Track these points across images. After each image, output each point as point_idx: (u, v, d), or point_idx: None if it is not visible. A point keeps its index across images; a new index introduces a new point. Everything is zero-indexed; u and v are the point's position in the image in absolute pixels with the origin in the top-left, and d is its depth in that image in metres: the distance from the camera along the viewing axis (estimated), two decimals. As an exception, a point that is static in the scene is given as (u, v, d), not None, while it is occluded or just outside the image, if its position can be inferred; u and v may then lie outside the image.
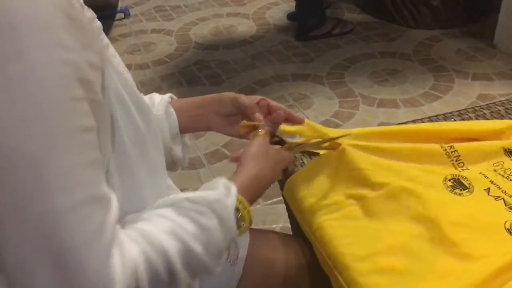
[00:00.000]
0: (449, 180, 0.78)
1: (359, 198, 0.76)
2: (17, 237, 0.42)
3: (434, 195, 0.75)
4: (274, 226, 1.53)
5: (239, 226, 0.60)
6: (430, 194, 0.74)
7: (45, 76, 0.42)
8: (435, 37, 2.56)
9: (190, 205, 0.55)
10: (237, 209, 0.60)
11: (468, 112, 0.93)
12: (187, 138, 0.86)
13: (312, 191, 0.80)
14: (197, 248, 0.53)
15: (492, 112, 0.93)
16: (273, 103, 0.81)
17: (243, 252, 0.78)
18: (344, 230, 0.72)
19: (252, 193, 0.66)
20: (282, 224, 1.52)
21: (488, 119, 0.91)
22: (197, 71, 2.44)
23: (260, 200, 1.63)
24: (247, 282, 0.78)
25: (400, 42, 2.56)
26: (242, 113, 0.79)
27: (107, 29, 2.85)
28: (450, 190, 0.76)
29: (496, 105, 0.95)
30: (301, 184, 0.82)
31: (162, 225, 0.52)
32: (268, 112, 0.81)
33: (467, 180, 0.78)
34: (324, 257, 0.72)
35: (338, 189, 0.79)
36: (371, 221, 0.73)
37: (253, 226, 0.85)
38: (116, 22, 2.95)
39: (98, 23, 0.60)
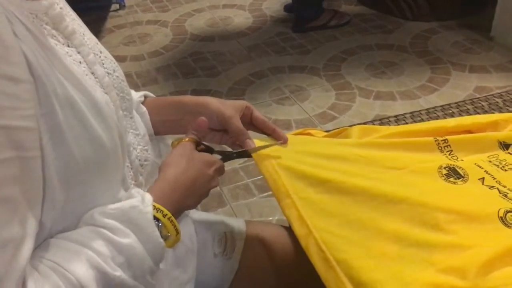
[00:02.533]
0: (444, 168, 0.77)
1: (351, 176, 0.74)
2: None
3: (428, 182, 0.74)
4: (270, 218, 1.53)
5: (165, 238, 0.56)
6: (424, 181, 0.74)
7: None
8: (432, 29, 2.55)
9: (103, 221, 0.52)
10: (155, 218, 0.56)
11: (466, 103, 0.93)
12: (169, 141, 0.80)
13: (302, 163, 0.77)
14: (116, 271, 0.50)
15: (490, 104, 0.92)
16: (257, 113, 0.77)
17: (239, 244, 0.77)
18: (335, 208, 0.71)
19: (177, 199, 0.60)
20: (278, 216, 1.52)
21: (486, 111, 0.91)
22: (193, 63, 2.42)
23: (256, 192, 1.62)
24: (243, 274, 0.77)
25: (397, 34, 2.55)
26: (228, 133, 0.73)
27: (102, 20, 2.83)
28: (445, 179, 0.76)
29: (494, 97, 0.94)
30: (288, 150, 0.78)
31: (75, 251, 0.49)
32: (251, 122, 0.77)
33: (462, 169, 0.78)
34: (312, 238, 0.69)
35: (328, 166, 0.76)
36: (363, 204, 0.72)
37: (250, 219, 0.85)
38: (111, 13, 2.92)
39: (58, 10, 0.55)
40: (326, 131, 0.93)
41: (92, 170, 0.52)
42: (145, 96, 0.78)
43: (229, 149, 0.78)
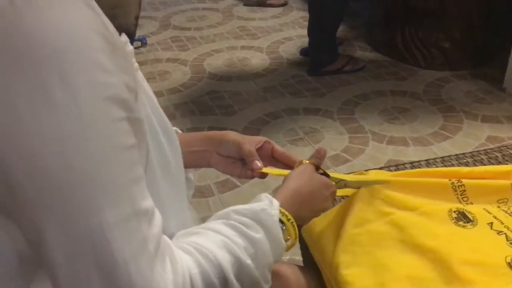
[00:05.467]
0: (454, 212, 0.80)
1: (365, 226, 0.78)
2: (70, 252, 0.44)
3: (439, 226, 0.77)
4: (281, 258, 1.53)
5: (285, 240, 0.62)
6: (435, 224, 0.76)
7: (89, 99, 0.44)
8: (445, 78, 2.60)
9: (238, 218, 0.59)
10: (281, 221, 0.62)
11: (480, 153, 0.95)
12: (191, 174, 0.86)
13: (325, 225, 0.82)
14: (247, 260, 0.56)
15: (504, 155, 0.95)
16: (278, 147, 0.83)
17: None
18: (351, 257, 0.74)
19: (296, 209, 0.67)
20: (289, 256, 1.52)
21: (500, 161, 0.93)
22: (210, 101, 2.48)
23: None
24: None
25: (410, 81, 2.60)
26: (243, 159, 0.80)
27: (123, 56, 2.92)
28: (455, 222, 0.78)
29: (508, 148, 0.97)
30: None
31: (214, 238, 0.55)
32: (272, 156, 0.82)
33: (471, 214, 0.80)
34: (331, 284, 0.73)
35: (347, 223, 0.80)
36: (378, 250, 0.74)
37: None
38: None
39: (131, 47, 0.61)
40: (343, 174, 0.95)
41: (163, 179, 0.59)
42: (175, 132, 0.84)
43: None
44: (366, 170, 0.94)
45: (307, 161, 0.76)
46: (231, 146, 0.79)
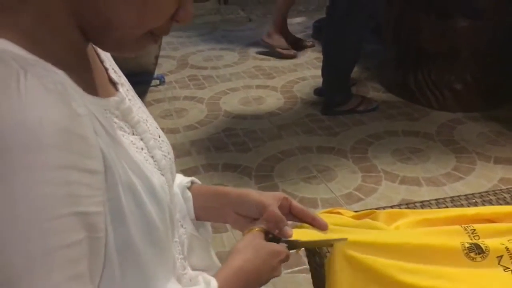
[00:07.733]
0: (467, 243, 0.81)
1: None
2: None
3: (448, 258, 0.79)
4: (293, 295, 1.54)
5: None
6: (444, 256, 0.79)
7: (24, 198, 0.43)
8: (457, 120, 2.64)
9: None
10: None
11: (489, 194, 0.98)
12: (209, 225, 0.85)
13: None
14: None
15: (512, 196, 0.97)
16: (295, 203, 0.81)
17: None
18: None
19: (238, 286, 0.65)
20: (302, 294, 1.53)
21: (508, 202, 0.96)
22: (225, 138, 2.54)
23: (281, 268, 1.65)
24: None
25: (423, 122, 2.64)
26: (267, 221, 0.77)
27: (142, 94, 3.01)
28: (466, 254, 0.80)
29: (516, 189, 0.99)
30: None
31: None
32: (289, 212, 0.81)
33: (484, 244, 0.82)
34: None
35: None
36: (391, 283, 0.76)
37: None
38: (151, 88, 3.11)
39: (127, 104, 0.62)
40: (355, 211, 0.98)
41: (147, 249, 0.58)
42: (192, 182, 0.84)
43: None
44: (377, 208, 0.97)
45: (257, 228, 0.73)
46: (254, 208, 0.77)
